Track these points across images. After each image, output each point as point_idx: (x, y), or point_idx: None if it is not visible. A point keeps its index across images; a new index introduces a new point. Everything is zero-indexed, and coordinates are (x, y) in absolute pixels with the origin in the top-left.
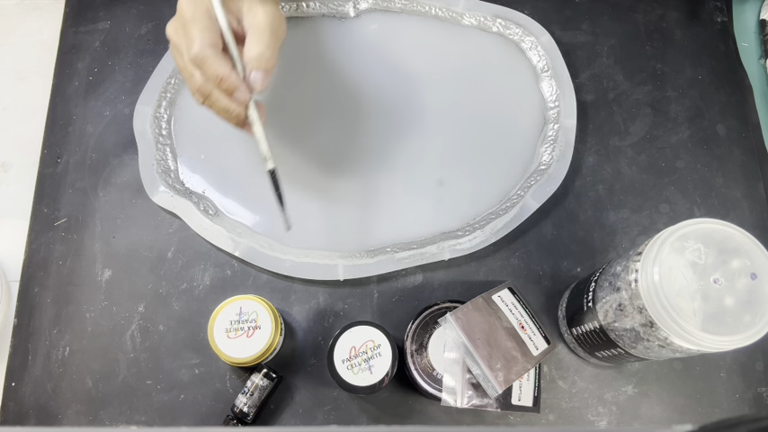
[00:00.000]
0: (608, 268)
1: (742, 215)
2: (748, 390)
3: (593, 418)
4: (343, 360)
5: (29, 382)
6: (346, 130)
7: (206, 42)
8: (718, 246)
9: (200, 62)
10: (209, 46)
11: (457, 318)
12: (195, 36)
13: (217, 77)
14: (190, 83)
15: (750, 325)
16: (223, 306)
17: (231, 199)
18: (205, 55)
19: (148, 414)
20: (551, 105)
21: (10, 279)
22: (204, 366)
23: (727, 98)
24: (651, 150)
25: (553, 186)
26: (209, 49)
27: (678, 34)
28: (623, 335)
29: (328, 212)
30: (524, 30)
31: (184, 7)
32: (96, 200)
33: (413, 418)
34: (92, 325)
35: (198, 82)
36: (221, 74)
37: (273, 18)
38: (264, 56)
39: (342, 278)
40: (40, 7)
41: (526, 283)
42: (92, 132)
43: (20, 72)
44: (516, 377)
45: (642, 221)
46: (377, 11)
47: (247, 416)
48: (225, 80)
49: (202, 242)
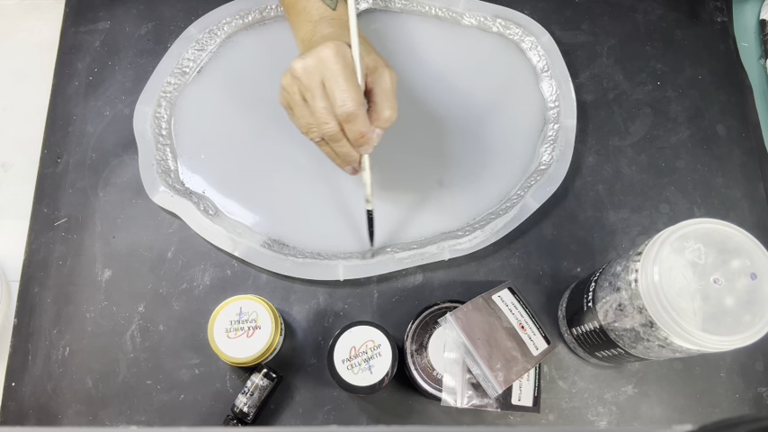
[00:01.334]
0: (608, 268)
1: (742, 215)
2: (748, 390)
3: (593, 418)
4: (343, 360)
5: (29, 382)
6: None
7: (360, 101)
8: (718, 246)
9: (352, 119)
10: (362, 105)
11: (457, 318)
12: (349, 93)
13: (360, 134)
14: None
15: (750, 325)
16: (223, 306)
17: (231, 199)
18: (358, 114)
19: (148, 414)
20: (551, 105)
21: (10, 279)
22: (204, 366)
23: (727, 98)
24: (651, 150)
25: (553, 186)
26: (361, 108)
27: (678, 34)
28: (623, 335)
29: (328, 212)
30: (524, 30)
31: (332, 60)
32: (96, 200)
33: (413, 418)
34: (92, 325)
35: (332, 131)
36: (365, 131)
37: (395, 81)
38: (392, 119)
39: (342, 278)
40: (40, 7)
41: (526, 283)
42: (92, 132)
43: (20, 72)
44: (516, 377)
45: (642, 221)
46: (377, 11)
47: (247, 416)
48: (365, 137)
49: (202, 242)
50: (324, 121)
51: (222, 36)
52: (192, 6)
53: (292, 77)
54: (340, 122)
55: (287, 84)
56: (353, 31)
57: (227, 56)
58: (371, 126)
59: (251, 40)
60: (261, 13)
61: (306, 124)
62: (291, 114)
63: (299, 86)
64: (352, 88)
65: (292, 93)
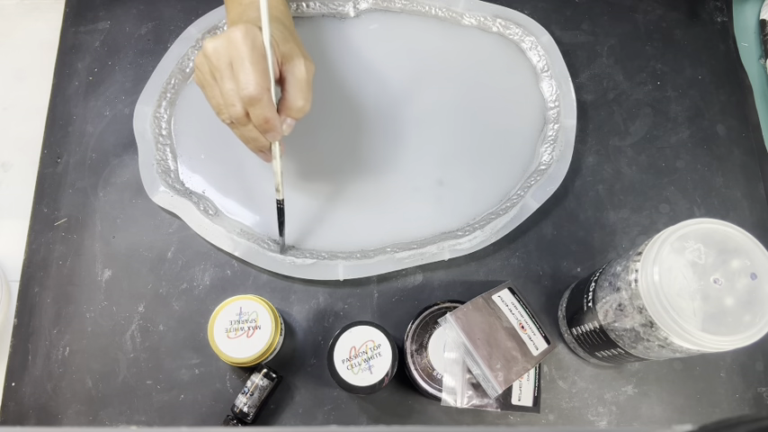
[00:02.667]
0: (608, 268)
1: (742, 215)
2: (748, 390)
3: (593, 418)
4: (343, 360)
5: (29, 382)
6: (346, 130)
7: (264, 86)
8: (718, 246)
9: (254, 102)
10: (266, 90)
11: (457, 318)
12: (253, 77)
13: (264, 119)
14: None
15: (750, 325)
16: (223, 306)
17: (231, 199)
18: (262, 98)
19: (148, 414)
20: (551, 105)
21: (10, 279)
22: (204, 366)
23: (727, 98)
24: (651, 150)
25: (553, 186)
26: (266, 93)
27: (678, 34)
28: (623, 335)
29: (328, 212)
30: (524, 30)
31: (240, 42)
32: (96, 200)
33: (413, 418)
34: (92, 325)
35: (238, 113)
36: (269, 117)
37: (311, 73)
38: (304, 109)
39: (342, 278)
40: (40, 7)
41: (526, 283)
42: (92, 132)
43: (20, 72)
44: (516, 377)
45: (642, 221)
46: (377, 11)
47: (247, 416)
48: (270, 123)
49: (202, 242)
50: (230, 102)
51: None
52: (192, 6)
53: (204, 57)
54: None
55: (199, 63)
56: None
57: None
58: (279, 114)
59: None
60: None
61: (216, 105)
62: (205, 94)
63: (209, 66)
64: (257, 72)
65: (204, 72)
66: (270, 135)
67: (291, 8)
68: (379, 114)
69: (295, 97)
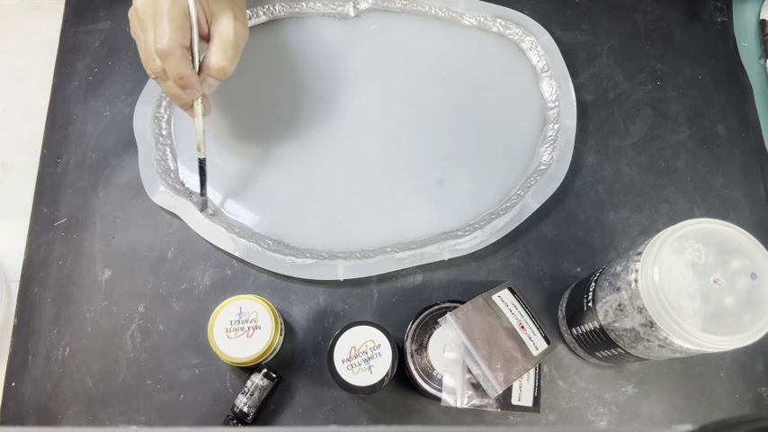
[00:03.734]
0: (608, 268)
1: (742, 215)
2: (748, 390)
3: (593, 418)
4: (343, 360)
5: (29, 382)
6: (346, 130)
7: (177, 42)
8: (718, 246)
9: (166, 56)
10: (180, 46)
11: (457, 318)
12: (167, 31)
13: (178, 75)
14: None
15: (750, 325)
16: (223, 306)
17: (231, 199)
18: (174, 53)
19: (148, 414)
20: (551, 105)
21: (10, 279)
22: (204, 366)
23: (727, 98)
24: (651, 150)
25: (553, 186)
26: (178, 48)
27: (678, 34)
28: (623, 335)
29: (328, 212)
30: (524, 30)
31: None
32: (96, 200)
33: (413, 418)
34: (92, 325)
35: (157, 68)
36: (183, 73)
37: (240, 35)
38: (226, 70)
39: (342, 278)
40: (40, 7)
41: (526, 283)
42: (92, 132)
43: (20, 72)
44: (516, 377)
45: (642, 221)
46: (377, 11)
47: (247, 416)
48: (185, 79)
49: (202, 242)
50: (150, 57)
51: None
52: None
53: (133, 10)
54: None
55: (130, 16)
56: None
57: None
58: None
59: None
60: (261, 14)
61: (142, 58)
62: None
63: (138, 20)
64: (173, 27)
65: (135, 26)
66: (188, 92)
67: (291, 8)
68: (379, 114)
69: (217, 57)
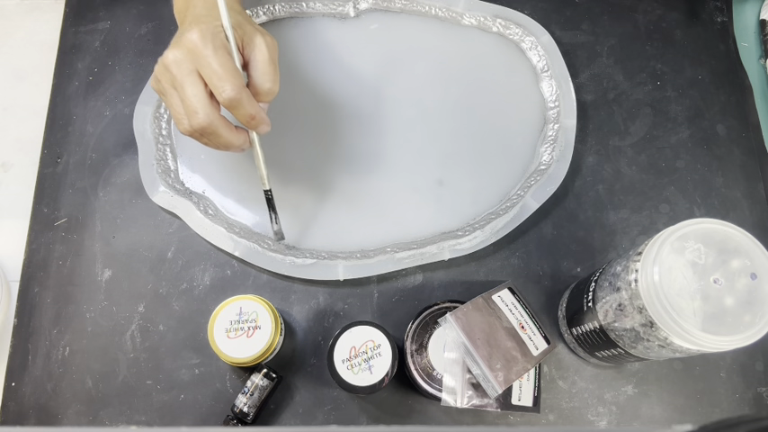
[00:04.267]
0: (608, 268)
1: (742, 215)
2: (748, 390)
3: (593, 418)
4: (343, 360)
5: (29, 382)
6: (346, 130)
7: (240, 84)
8: (718, 246)
9: (235, 104)
10: (243, 88)
11: (457, 318)
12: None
13: (251, 117)
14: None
15: (750, 325)
16: (223, 306)
17: (231, 199)
18: (241, 98)
19: (148, 414)
20: (551, 105)
21: (10, 279)
22: (204, 366)
23: (727, 98)
24: (651, 150)
25: (553, 186)
26: (243, 91)
27: (678, 34)
28: (623, 335)
29: (328, 212)
30: (524, 30)
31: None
32: (96, 200)
33: (413, 418)
34: (92, 325)
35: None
36: (254, 113)
37: (273, 50)
38: (273, 91)
39: (342, 278)
40: (40, 7)
41: (526, 283)
42: (92, 132)
43: (20, 72)
44: (516, 377)
45: (642, 221)
46: (377, 11)
47: (247, 416)
48: (256, 118)
49: (202, 242)
50: (193, 110)
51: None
52: None
53: (164, 67)
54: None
55: (159, 73)
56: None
57: None
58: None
59: None
60: (261, 14)
61: (176, 113)
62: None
63: (170, 76)
64: (228, 72)
65: (164, 81)
66: (260, 129)
67: (291, 8)
68: (379, 114)
69: (262, 81)
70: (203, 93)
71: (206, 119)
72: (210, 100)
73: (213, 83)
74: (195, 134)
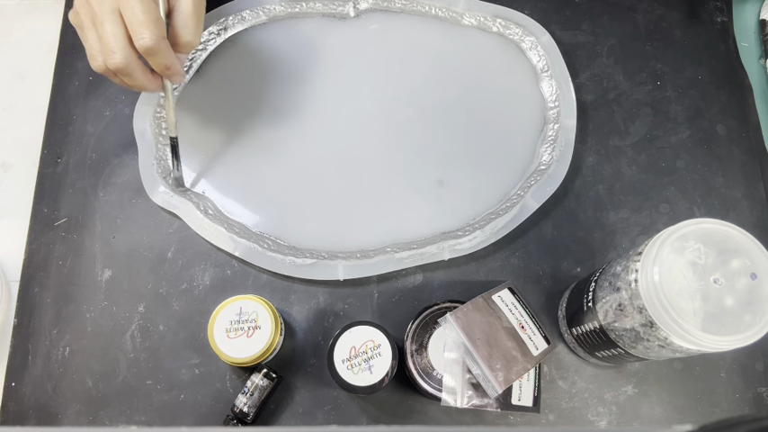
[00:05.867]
0: (608, 268)
1: (742, 215)
2: (748, 390)
3: (593, 418)
4: (343, 360)
5: (29, 382)
6: (346, 130)
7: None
8: (718, 246)
9: (152, 53)
10: (163, 38)
11: (457, 318)
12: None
13: (166, 67)
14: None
15: (750, 325)
16: (223, 306)
17: (231, 199)
18: (159, 48)
19: (148, 414)
20: (551, 105)
21: (10, 279)
22: (204, 366)
23: (727, 98)
24: (651, 150)
25: (553, 186)
26: (162, 41)
27: (678, 34)
28: (623, 335)
29: (328, 212)
30: (524, 30)
31: None
32: (96, 200)
33: (413, 418)
34: (92, 325)
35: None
36: (170, 63)
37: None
38: (193, 44)
39: (342, 278)
40: (40, 7)
41: (526, 283)
42: (92, 132)
43: (20, 72)
44: (516, 377)
45: (642, 221)
46: (377, 11)
47: (247, 416)
48: (171, 68)
49: (202, 242)
50: (110, 50)
51: (223, 36)
52: None
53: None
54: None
55: (79, 6)
56: None
57: (227, 56)
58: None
59: (251, 41)
60: (261, 14)
61: (91, 49)
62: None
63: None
64: (151, 21)
65: (83, 14)
66: (174, 78)
67: (291, 8)
68: (379, 114)
69: (183, 33)
70: (123, 33)
71: (123, 60)
72: (129, 41)
73: (133, 27)
74: (109, 73)
